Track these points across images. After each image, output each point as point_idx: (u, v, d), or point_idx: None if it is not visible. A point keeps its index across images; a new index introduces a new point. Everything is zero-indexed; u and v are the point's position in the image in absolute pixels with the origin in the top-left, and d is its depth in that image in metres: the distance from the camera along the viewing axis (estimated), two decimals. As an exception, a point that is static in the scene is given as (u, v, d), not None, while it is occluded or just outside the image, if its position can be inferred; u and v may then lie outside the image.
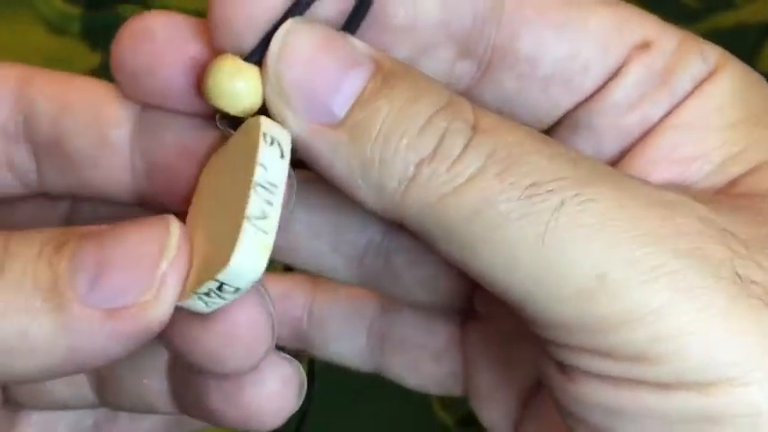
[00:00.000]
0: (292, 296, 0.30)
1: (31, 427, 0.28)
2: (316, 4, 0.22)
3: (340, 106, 0.22)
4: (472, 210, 0.21)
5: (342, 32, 0.23)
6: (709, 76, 0.25)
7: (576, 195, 0.21)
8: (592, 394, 0.22)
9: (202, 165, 0.24)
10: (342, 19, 0.23)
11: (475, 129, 0.22)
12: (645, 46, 0.25)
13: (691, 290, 0.21)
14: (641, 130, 0.25)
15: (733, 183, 0.24)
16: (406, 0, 0.23)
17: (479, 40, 0.24)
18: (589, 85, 0.25)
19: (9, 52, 0.26)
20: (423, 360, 0.30)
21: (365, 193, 0.22)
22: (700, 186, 0.24)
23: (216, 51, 0.23)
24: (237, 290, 0.21)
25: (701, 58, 0.25)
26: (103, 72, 0.27)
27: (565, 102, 0.25)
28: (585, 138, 0.25)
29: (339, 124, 0.22)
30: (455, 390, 0.30)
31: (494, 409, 0.29)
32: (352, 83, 0.22)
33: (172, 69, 0.24)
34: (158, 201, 0.25)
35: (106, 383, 0.27)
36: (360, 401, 0.47)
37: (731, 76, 0.25)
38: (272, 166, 0.21)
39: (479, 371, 0.30)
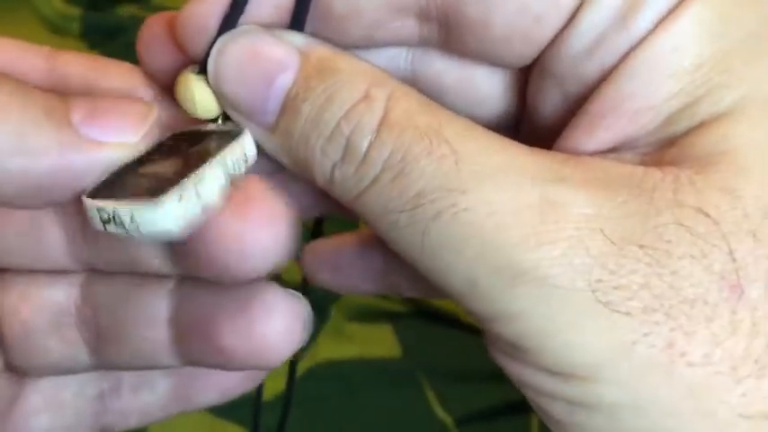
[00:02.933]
0: (369, 252, 0.31)
1: (37, 395, 0.29)
2: (257, 10, 0.24)
3: (272, 112, 0.24)
4: (373, 213, 0.24)
5: (272, 32, 0.25)
6: (677, 5, 0.23)
7: (452, 205, 0.22)
8: (502, 362, 0.24)
9: None
10: (288, 17, 0.25)
11: (379, 128, 0.23)
12: None
13: (546, 297, 0.22)
14: (599, 77, 0.24)
15: (671, 142, 0.23)
16: None
17: (429, 9, 0.24)
18: (545, 35, 0.24)
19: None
20: None
21: (311, 182, 0.25)
22: (647, 140, 0.24)
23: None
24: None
25: None
26: (103, 72, 0.28)
27: (527, 53, 0.25)
28: (551, 84, 0.25)
29: (274, 128, 0.24)
30: None
31: None
32: (279, 88, 0.24)
33: (173, 69, 0.26)
34: None
35: (106, 340, 0.28)
36: (359, 400, 0.47)
37: (706, 1, 0.23)
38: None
39: None
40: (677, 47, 0.23)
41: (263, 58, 0.24)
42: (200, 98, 0.25)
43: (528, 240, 0.22)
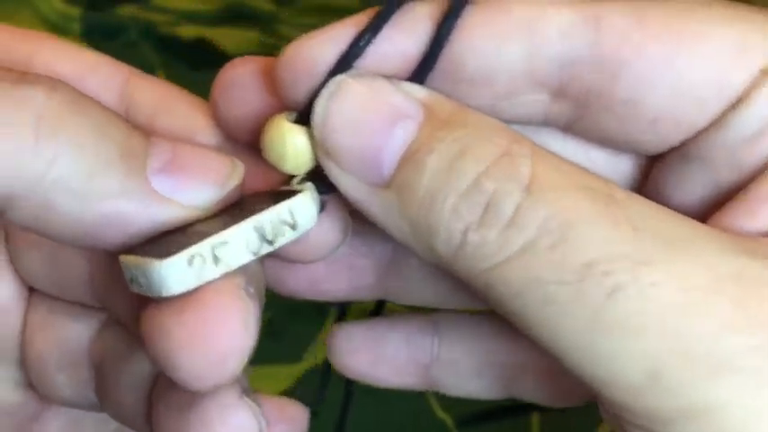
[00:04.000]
0: (416, 341, 0.28)
1: (57, 420, 0.28)
2: (375, 58, 0.22)
3: (388, 165, 0.21)
4: (520, 286, 0.20)
5: (390, 80, 0.22)
6: None
7: (633, 279, 0.19)
8: None
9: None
10: (410, 68, 0.22)
11: (529, 189, 0.20)
12: None
13: (759, 388, 0.19)
14: (761, 165, 0.22)
15: None
16: (477, 52, 0.22)
17: (571, 84, 0.22)
18: (703, 120, 0.22)
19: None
20: (558, 376, 0.28)
21: (421, 254, 0.22)
22: None
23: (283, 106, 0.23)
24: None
25: None
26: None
27: (674, 137, 0.23)
28: (698, 169, 0.23)
29: (388, 184, 0.21)
30: (586, 398, 0.28)
31: None
32: (399, 138, 0.21)
33: (252, 120, 0.23)
34: None
35: (101, 389, 0.26)
36: (359, 400, 0.47)
37: None
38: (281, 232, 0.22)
39: None
40: None
41: (381, 105, 0.21)
42: (293, 149, 0.22)
43: (734, 324, 0.19)
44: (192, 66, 0.54)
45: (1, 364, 0.27)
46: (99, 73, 0.25)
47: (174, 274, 0.21)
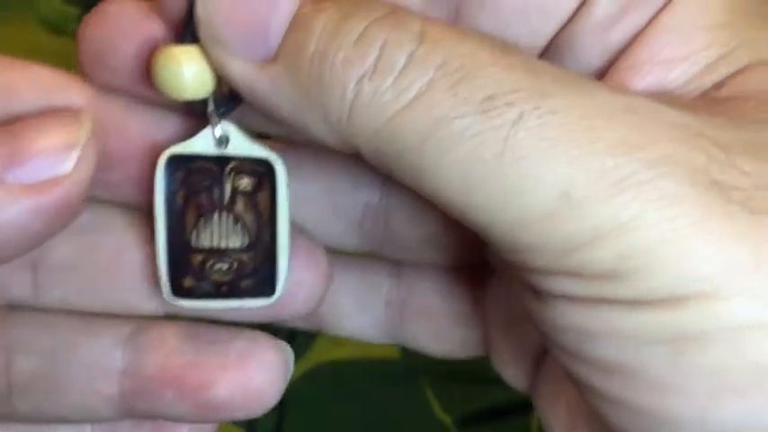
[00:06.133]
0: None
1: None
2: None
3: (275, 35, 0.21)
4: (423, 130, 0.20)
5: None
6: None
7: (535, 108, 0.20)
8: (563, 317, 0.21)
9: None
10: None
11: (421, 38, 0.20)
12: None
13: (662, 199, 0.19)
14: (626, 42, 0.23)
15: (719, 85, 0.23)
16: None
17: None
18: (566, 7, 0.23)
19: (8, 52, 0.26)
20: (446, 326, 0.29)
21: (316, 128, 0.21)
22: (685, 90, 0.23)
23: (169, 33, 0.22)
24: None
25: None
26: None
27: (545, 29, 0.24)
28: (570, 60, 0.24)
29: (276, 56, 0.21)
30: (479, 351, 0.29)
31: (512, 368, 0.28)
32: (284, 9, 0.21)
33: (131, 48, 0.23)
34: (121, 192, 0.25)
35: (27, 389, 0.25)
36: (358, 401, 0.47)
37: None
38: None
39: (498, 330, 0.28)
40: (705, 7, 0.23)
41: None
42: (188, 70, 0.22)
43: (634, 141, 0.20)
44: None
45: None
46: None
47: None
